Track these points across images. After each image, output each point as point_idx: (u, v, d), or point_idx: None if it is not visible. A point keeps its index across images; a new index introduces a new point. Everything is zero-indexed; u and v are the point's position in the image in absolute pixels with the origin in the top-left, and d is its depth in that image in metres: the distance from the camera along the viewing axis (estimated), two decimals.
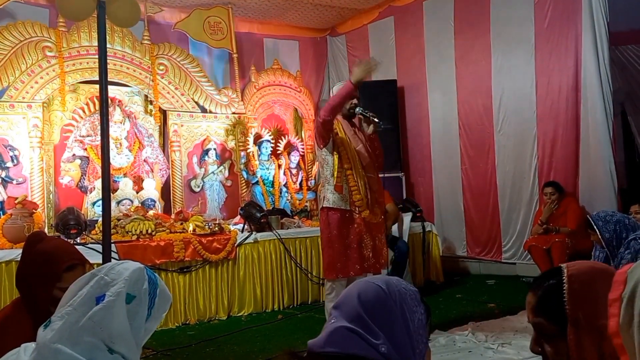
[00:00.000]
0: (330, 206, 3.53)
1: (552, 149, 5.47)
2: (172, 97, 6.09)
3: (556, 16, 5.36)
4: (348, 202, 3.51)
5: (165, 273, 4.46)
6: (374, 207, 3.58)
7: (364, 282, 1.08)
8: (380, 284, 1.05)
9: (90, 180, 5.45)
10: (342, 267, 3.47)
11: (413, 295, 1.07)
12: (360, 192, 3.51)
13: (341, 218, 3.50)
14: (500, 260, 5.94)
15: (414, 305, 1.05)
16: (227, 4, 6.41)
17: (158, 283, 1.30)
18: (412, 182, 6.91)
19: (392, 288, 1.05)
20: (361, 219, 3.51)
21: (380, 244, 3.63)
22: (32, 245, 1.88)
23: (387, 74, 6.97)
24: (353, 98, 3.55)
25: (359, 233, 3.50)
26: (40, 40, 5.30)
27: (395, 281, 1.08)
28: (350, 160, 3.53)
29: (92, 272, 1.26)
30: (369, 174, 3.59)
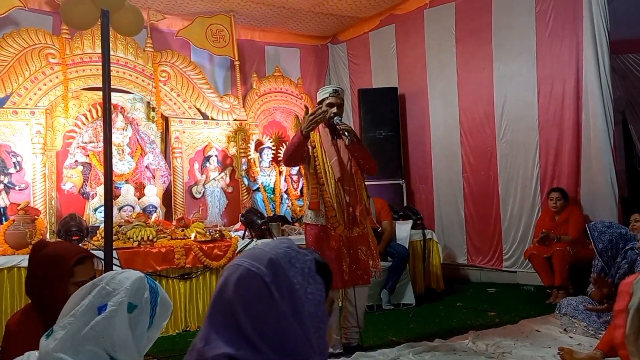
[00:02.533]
0: (308, 222, 3.55)
1: (554, 157, 5.48)
2: (174, 103, 6.12)
3: (557, 25, 5.38)
4: (324, 218, 3.48)
5: (166, 280, 4.46)
6: (355, 221, 3.51)
7: (245, 273, 0.97)
8: (262, 273, 0.95)
9: (92, 187, 5.47)
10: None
11: (305, 270, 0.98)
12: (334, 208, 3.45)
13: (318, 234, 3.48)
14: (501, 269, 5.93)
15: (307, 284, 0.97)
16: (230, 12, 6.45)
17: (159, 291, 1.32)
18: (412, 190, 6.92)
19: (278, 271, 0.96)
20: (336, 235, 3.47)
21: (364, 255, 3.57)
22: (38, 251, 1.91)
23: (388, 82, 7.01)
24: (305, 145, 3.46)
25: (336, 248, 3.45)
26: (44, 47, 5.34)
27: (282, 257, 0.98)
28: (324, 175, 3.47)
29: (93, 281, 1.27)
30: (347, 187, 3.49)
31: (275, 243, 1.05)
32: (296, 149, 3.44)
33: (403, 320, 4.61)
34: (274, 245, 1.04)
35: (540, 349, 3.50)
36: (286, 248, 1.02)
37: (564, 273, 4.82)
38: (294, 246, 1.03)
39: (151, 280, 1.32)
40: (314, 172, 3.51)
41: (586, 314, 3.87)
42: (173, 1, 5.97)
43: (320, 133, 3.57)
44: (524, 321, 4.22)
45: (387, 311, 4.94)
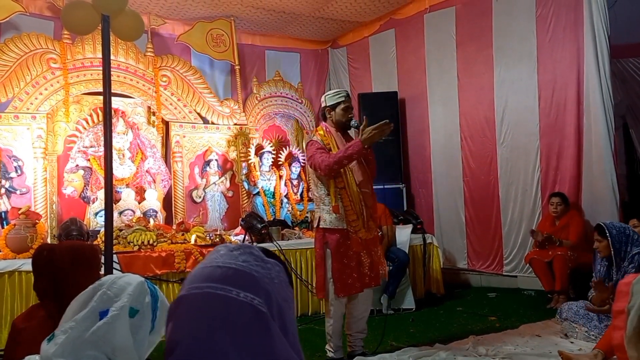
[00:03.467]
0: (328, 227, 3.46)
1: (556, 161, 5.48)
2: (174, 108, 6.14)
3: (558, 29, 5.39)
4: (345, 222, 3.44)
5: (166, 284, 4.46)
6: (369, 224, 3.52)
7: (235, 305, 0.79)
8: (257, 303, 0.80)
9: (93, 191, 5.47)
10: (342, 287, 3.42)
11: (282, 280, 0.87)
12: (355, 212, 3.44)
13: (339, 238, 3.43)
14: (502, 273, 5.92)
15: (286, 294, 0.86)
16: (230, 17, 6.47)
17: (158, 295, 1.32)
18: (412, 194, 6.92)
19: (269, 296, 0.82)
20: (357, 238, 3.46)
21: (377, 258, 3.59)
22: (49, 252, 1.96)
23: (388, 86, 7.02)
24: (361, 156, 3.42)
25: (356, 252, 3.45)
26: (45, 52, 5.36)
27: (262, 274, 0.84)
28: (344, 179, 3.44)
29: (93, 286, 1.27)
30: (364, 190, 3.51)
31: (228, 254, 0.88)
32: (352, 159, 3.34)
33: (403, 325, 4.60)
34: (230, 256, 0.87)
35: (541, 354, 3.50)
36: (248, 258, 0.86)
37: (565, 278, 4.81)
38: (246, 250, 0.89)
39: (151, 284, 1.32)
40: (336, 175, 3.43)
41: (587, 319, 3.86)
42: (174, 6, 5.99)
43: (334, 137, 3.56)
44: (524, 326, 4.21)
45: (387, 316, 4.92)
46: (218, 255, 0.87)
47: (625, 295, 1.02)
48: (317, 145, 3.47)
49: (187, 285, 0.85)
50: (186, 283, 0.86)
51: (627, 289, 1.01)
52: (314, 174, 3.56)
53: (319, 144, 3.48)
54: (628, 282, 1.02)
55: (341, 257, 3.42)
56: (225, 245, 0.93)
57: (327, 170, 3.35)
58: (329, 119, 3.63)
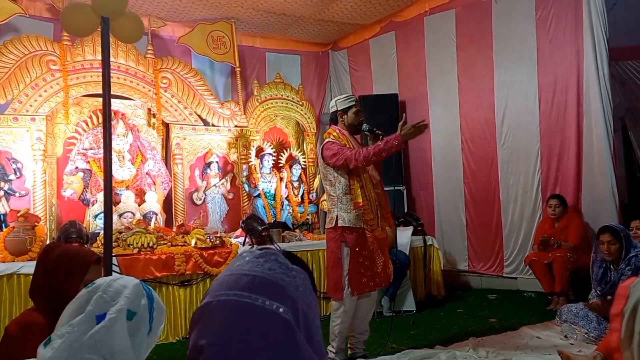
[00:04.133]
0: (347, 225, 3.47)
1: (557, 163, 5.48)
2: (174, 110, 6.14)
3: (558, 32, 5.40)
4: (362, 220, 3.49)
5: (166, 287, 4.46)
6: (381, 223, 3.61)
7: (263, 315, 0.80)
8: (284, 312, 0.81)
9: (92, 193, 5.46)
10: (357, 285, 3.45)
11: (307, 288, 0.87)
12: (372, 211, 3.51)
13: (357, 237, 3.47)
14: (502, 275, 5.92)
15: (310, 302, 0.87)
16: (231, 19, 6.47)
17: (154, 297, 1.32)
18: (413, 196, 6.92)
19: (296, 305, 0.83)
20: (373, 237, 3.52)
21: (387, 258, 3.65)
22: (54, 248, 2.02)
23: (389, 88, 7.02)
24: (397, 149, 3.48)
25: (372, 251, 3.51)
26: (45, 54, 5.35)
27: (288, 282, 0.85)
28: (362, 178, 3.52)
29: (89, 290, 1.26)
30: (377, 191, 3.62)
31: (254, 260, 0.88)
32: (391, 153, 3.39)
33: (404, 327, 4.59)
34: (256, 263, 0.88)
35: (541, 355, 3.50)
36: (273, 265, 0.87)
37: (565, 279, 4.81)
38: (271, 257, 0.89)
39: (146, 286, 1.32)
40: (354, 175, 3.50)
41: (587, 320, 3.86)
42: (174, 8, 5.99)
43: (349, 139, 3.61)
44: (524, 328, 4.21)
45: (387, 318, 4.92)
46: (244, 262, 0.88)
47: (623, 298, 1.01)
48: (337, 144, 3.52)
49: (213, 292, 0.85)
50: (212, 290, 0.86)
51: (625, 292, 1.01)
52: (332, 173, 3.56)
53: (338, 143, 3.53)
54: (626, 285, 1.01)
55: (359, 256, 3.46)
56: (250, 251, 0.92)
57: (364, 161, 3.38)
58: (340, 122, 3.68)
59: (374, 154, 3.36)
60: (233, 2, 5.98)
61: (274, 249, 0.92)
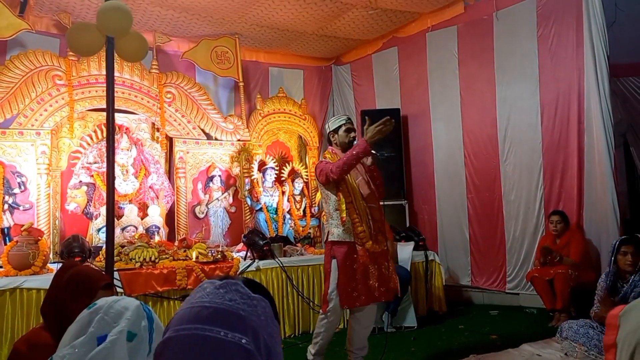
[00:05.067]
0: (336, 239, 3.56)
1: (560, 179, 5.48)
2: (178, 124, 6.19)
3: (560, 49, 5.43)
4: (352, 234, 3.54)
5: (168, 301, 4.47)
6: (377, 237, 3.61)
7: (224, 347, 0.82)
8: (245, 343, 0.82)
9: (96, 207, 5.50)
10: (347, 299, 3.48)
11: (268, 317, 0.89)
12: (362, 224, 3.53)
13: (346, 251, 3.52)
14: (504, 291, 5.91)
15: (272, 330, 0.88)
16: (234, 35, 6.54)
17: (153, 317, 1.34)
18: (415, 210, 6.92)
19: (257, 335, 0.84)
20: (364, 250, 3.53)
21: (387, 272, 3.64)
22: (68, 269, 2.05)
23: (391, 103, 7.06)
24: (367, 155, 3.53)
25: (363, 264, 3.52)
26: (51, 69, 5.42)
27: (248, 311, 0.86)
28: (350, 193, 3.57)
29: (91, 311, 1.28)
30: (371, 204, 3.62)
31: (214, 292, 0.89)
32: (359, 158, 3.46)
33: (404, 343, 4.59)
34: (216, 294, 0.89)
35: None
36: (234, 296, 0.88)
37: (566, 296, 4.80)
38: (232, 287, 0.90)
39: (146, 306, 1.34)
40: (340, 192, 3.57)
41: (587, 338, 3.85)
42: (179, 24, 6.06)
43: (340, 156, 3.66)
44: (525, 345, 4.19)
45: (388, 334, 4.91)
46: (204, 294, 0.89)
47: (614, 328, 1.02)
48: (325, 162, 3.65)
49: (174, 326, 0.86)
50: (173, 323, 0.88)
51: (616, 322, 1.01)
52: (323, 190, 3.67)
53: (326, 161, 3.65)
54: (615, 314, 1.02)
55: (347, 269, 3.50)
56: (211, 281, 0.94)
57: (338, 172, 3.45)
58: (333, 143, 3.77)
59: (344, 163, 3.42)
60: (237, 18, 6.05)
61: (234, 278, 0.93)
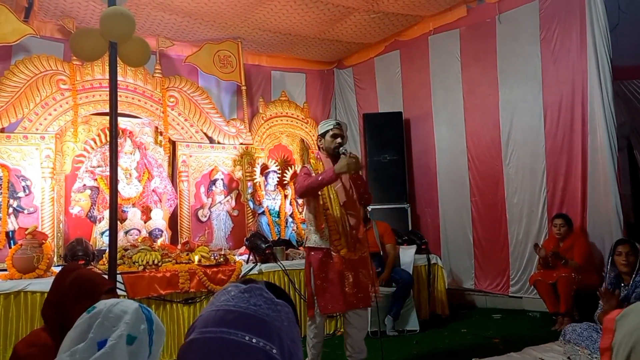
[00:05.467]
0: (312, 245, 3.66)
1: (563, 183, 5.47)
2: (181, 128, 6.21)
3: (562, 52, 5.43)
4: (328, 241, 3.61)
5: (170, 304, 4.49)
6: (355, 245, 3.66)
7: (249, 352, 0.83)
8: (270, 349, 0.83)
9: (100, 210, 5.52)
10: (322, 304, 3.56)
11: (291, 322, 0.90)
12: (338, 232, 3.61)
13: (322, 257, 3.60)
14: (507, 294, 5.90)
15: (294, 335, 0.89)
16: (237, 39, 6.56)
17: (153, 319, 1.34)
18: (418, 214, 6.92)
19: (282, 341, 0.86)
20: (339, 257, 3.59)
21: (365, 279, 3.67)
22: (70, 272, 2.04)
23: (393, 106, 7.07)
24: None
25: (338, 271, 3.57)
26: (55, 74, 5.45)
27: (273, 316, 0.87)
28: (327, 200, 3.65)
29: (90, 315, 1.29)
30: (349, 212, 3.68)
31: (239, 296, 0.91)
32: (323, 185, 3.57)
33: (407, 346, 4.59)
34: (241, 298, 0.90)
35: None
36: (259, 301, 0.90)
37: (569, 300, 4.79)
38: (257, 292, 0.91)
39: (145, 308, 1.33)
40: (319, 198, 3.66)
41: (590, 341, 3.84)
42: (182, 28, 6.09)
43: (323, 161, 3.77)
44: (527, 349, 4.18)
45: (390, 337, 4.92)
46: (229, 297, 0.90)
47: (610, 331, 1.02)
48: (305, 170, 3.72)
49: (199, 328, 0.87)
50: (198, 325, 0.88)
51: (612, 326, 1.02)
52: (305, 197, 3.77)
53: (308, 169, 3.72)
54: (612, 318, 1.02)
55: (323, 276, 3.58)
56: (235, 285, 0.95)
57: (299, 192, 3.65)
58: (320, 147, 3.84)
59: (308, 186, 3.55)
60: (240, 22, 6.08)
61: (258, 283, 0.94)
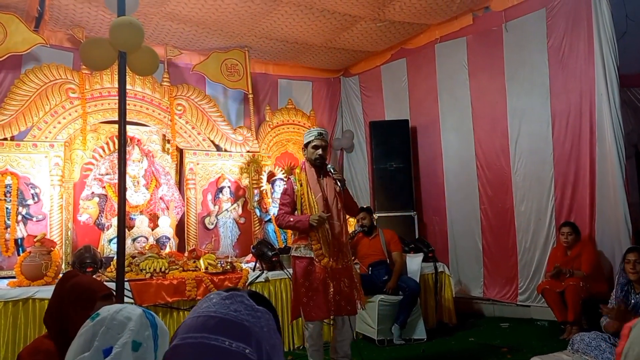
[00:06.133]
0: (296, 255, 3.78)
1: (572, 191, 5.45)
2: (188, 136, 6.25)
3: (570, 60, 5.42)
4: (311, 250, 3.72)
5: (177, 312, 4.50)
6: (338, 254, 3.74)
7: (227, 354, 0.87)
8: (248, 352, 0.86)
9: (108, 218, 5.56)
10: (305, 312, 3.67)
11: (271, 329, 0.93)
12: (319, 241, 3.70)
13: (306, 266, 3.71)
14: (515, 303, 5.86)
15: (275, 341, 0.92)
16: (244, 47, 6.61)
17: (157, 323, 1.34)
18: (425, 222, 6.91)
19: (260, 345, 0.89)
20: (322, 267, 3.68)
21: (347, 288, 3.75)
22: (69, 279, 2.06)
23: (400, 114, 7.08)
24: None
25: (322, 279, 3.66)
26: (64, 82, 5.51)
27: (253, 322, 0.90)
28: (309, 210, 3.75)
29: (94, 323, 1.29)
30: (331, 221, 3.76)
31: (220, 302, 0.94)
32: (299, 230, 3.80)
33: (413, 355, 4.57)
34: (222, 305, 0.93)
35: None
36: (239, 307, 0.92)
37: (577, 308, 4.75)
38: (237, 298, 0.94)
39: (149, 313, 1.33)
40: (299, 208, 3.80)
41: (599, 351, 3.80)
42: (190, 37, 6.14)
43: (306, 172, 3.87)
44: (535, 358, 4.12)
45: (397, 346, 4.90)
46: (211, 304, 0.93)
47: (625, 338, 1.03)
48: (286, 194, 3.90)
49: (181, 334, 0.91)
50: (180, 332, 0.92)
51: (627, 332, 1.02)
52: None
53: (288, 196, 3.89)
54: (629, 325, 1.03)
55: (307, 284, 3.69)
56: (217, 292, 0.98)
57: (277, 224, 4.06)
58: (305, 156, 3.97)
59: (285, 224, 3.87)
60: (247, 31, 6.12)
61: (240, 290, 0.97)
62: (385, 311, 5.01)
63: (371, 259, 5.34)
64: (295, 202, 3.82)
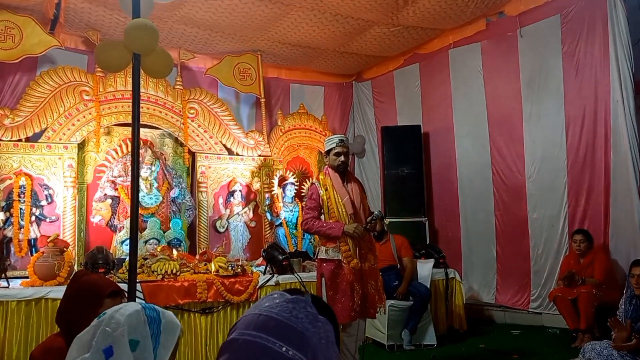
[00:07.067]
0: (324, 257, 3.78)
1: (586, 198, 5.39)
2: (201, 139, 6.28)
3: (585, 66, 5.37)
4: (339, 252, 3.72)
5: (188, 314, 4.51)
6: (367, 255, 3.78)
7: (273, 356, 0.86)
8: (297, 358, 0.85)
9: (120, 220, 5.59)
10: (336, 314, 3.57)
11: (329, 342, 0.91)
12: (347, 243, 3.71)
13: (333, 269, 3.72)
14: (527, 310, 5.81)
15: (331, 355, 0.91)
16: (257, 52, 6.63)
17: (161, 319, 1.32)
18: (436, 228, 6.87)
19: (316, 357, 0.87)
20: (349, 269, 3.69)
21: (373, 290, 3.77)
22: (79, 277, 2.10)
23: (412, 120, 7.06)
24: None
25: (349, 281, 3.67)
26: (79, 85, 5.57)
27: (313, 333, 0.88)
28: (337, 213, 3.78)
29: (94, 324, 1.29)
30: (357, 222, 3.79)
31: (283, 305, 0.93)
32: (328, 237, 3.78)
33: None
34: (285, 308, 0.92)
35: None
36: (301, 314, 0.91)
37: (590, 316, 4.69)
38: (301, 304, 0.93)
39: (151, 308, 1.32)
40: (327, 212, 3.82)
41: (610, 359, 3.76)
42: (203, 41, 6.18)
43: (331, 176, 3.89)
44: None
45: (407, 351, 4.87)
46: (273, 304, 0.92)
47: None
48: (312, 199, 3.88)
49: (240, 329, 0.90)
50: (239, 326, 0.91)
51: None
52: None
53: (314, 200, 3.86)
54: None
55: (335, 287, 3.69)
56: (281, 292, 0.97)
57: (304, 229, 4.01)
58: (326, 163, 4.02)
59: (314, 230, 3.86)
60: (260, 36, 6.15)
61: (305, 295, 0.95)
62: (395, 316, 4.99)
63: (382, 264, 5.28)
64: (322, 206, 3.85)
